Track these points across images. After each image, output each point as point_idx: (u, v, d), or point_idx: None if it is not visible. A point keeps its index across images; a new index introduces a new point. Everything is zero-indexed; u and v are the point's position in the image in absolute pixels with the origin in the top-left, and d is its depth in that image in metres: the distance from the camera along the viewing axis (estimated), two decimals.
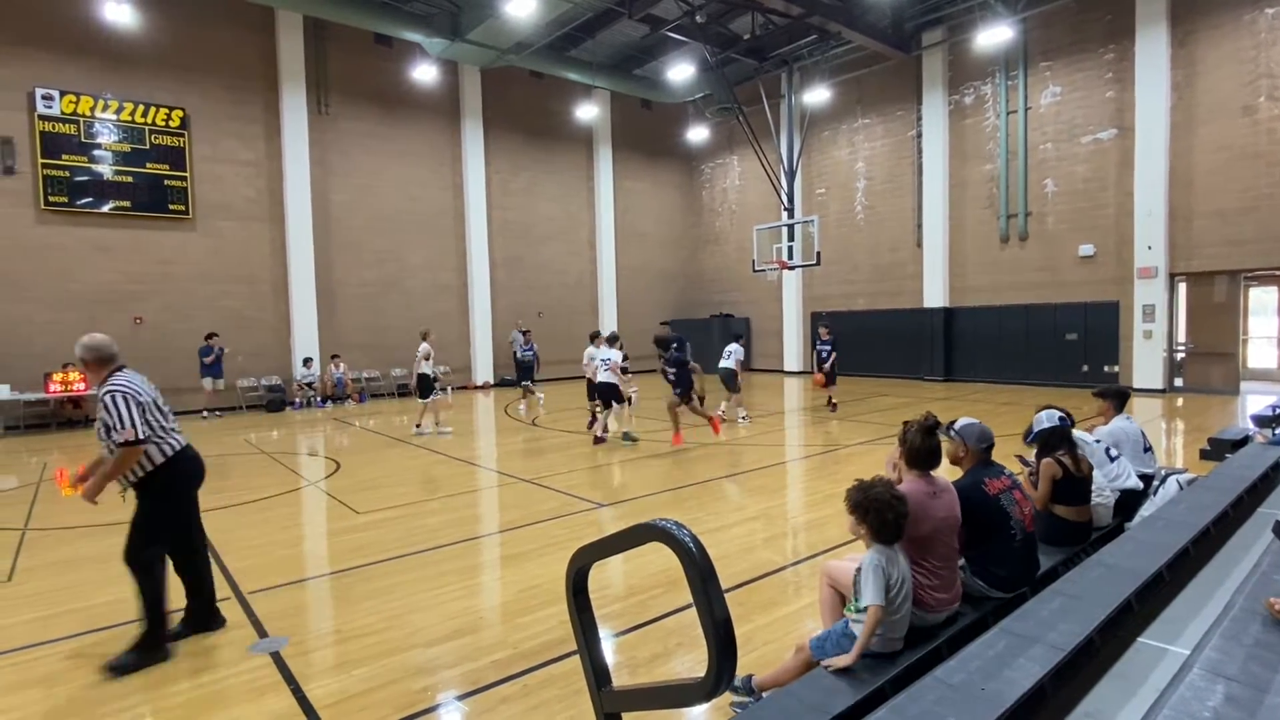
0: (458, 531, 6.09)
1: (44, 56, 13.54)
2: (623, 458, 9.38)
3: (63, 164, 13.69)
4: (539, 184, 20.96)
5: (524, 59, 17.78)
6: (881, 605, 2.55)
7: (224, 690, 3.37)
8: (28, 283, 13.47)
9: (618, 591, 4.51)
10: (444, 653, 3.71)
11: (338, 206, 17.16)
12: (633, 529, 1.67)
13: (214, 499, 7.26)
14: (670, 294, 24.44)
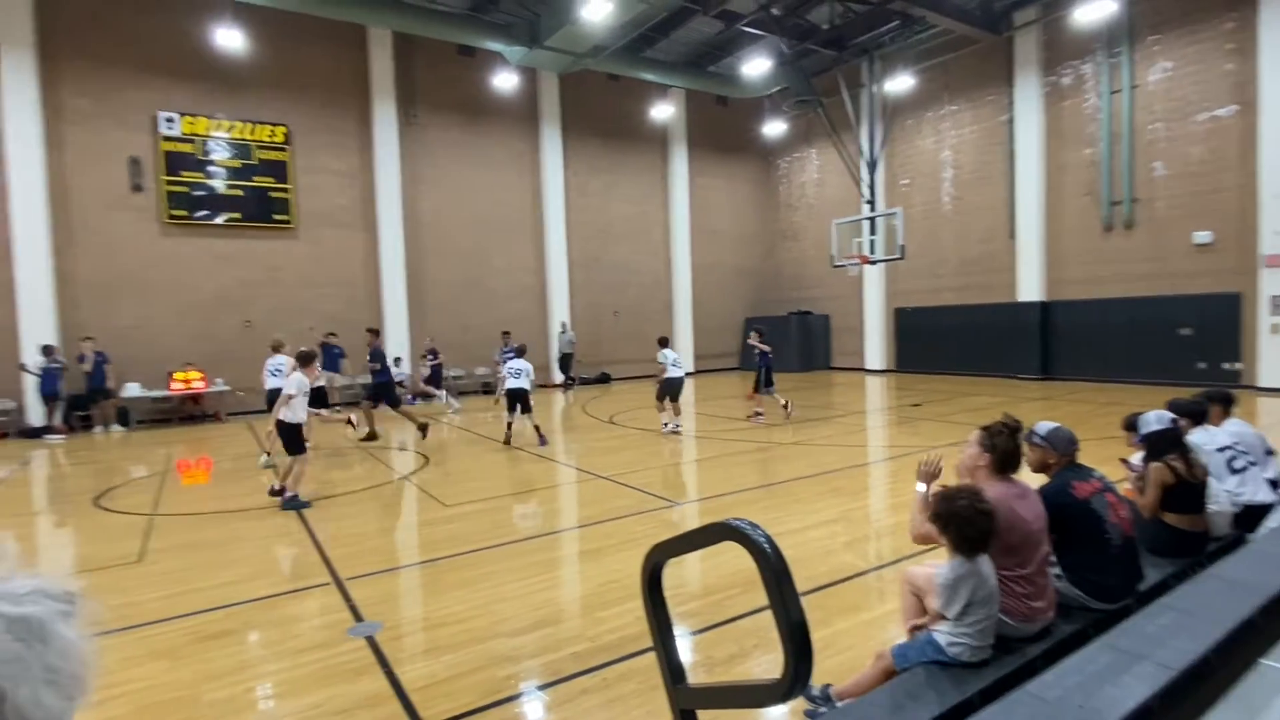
0: (539, 525, 6.27)
1: (165, 83, 14.80)
2: (700, 456, 9.38)
3: (183, 180, 14.94)
4: (615, 185, 21.19)
5: (600, 62, 18.01)
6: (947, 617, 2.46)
7: (324, 669, 3.61)
8: (154, 290, 14.77)
9: (695, 590, 4.52)
10: (527, 643, 3.83)
11: (425, 212, 17.93)
12: (707, 527, 1.69)
13: (319, 489, 7.76)
14: (746, 291, 24.18)
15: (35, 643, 0.60)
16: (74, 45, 13.90)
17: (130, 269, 14.51)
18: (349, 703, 3.26)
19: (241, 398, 15.03)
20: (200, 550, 5.80)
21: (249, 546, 5.88)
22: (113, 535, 6.33)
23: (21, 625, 0.60)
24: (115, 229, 14.39)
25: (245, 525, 6.54)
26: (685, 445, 10.24)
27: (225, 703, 3.33)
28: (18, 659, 0.58)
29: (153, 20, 14.52)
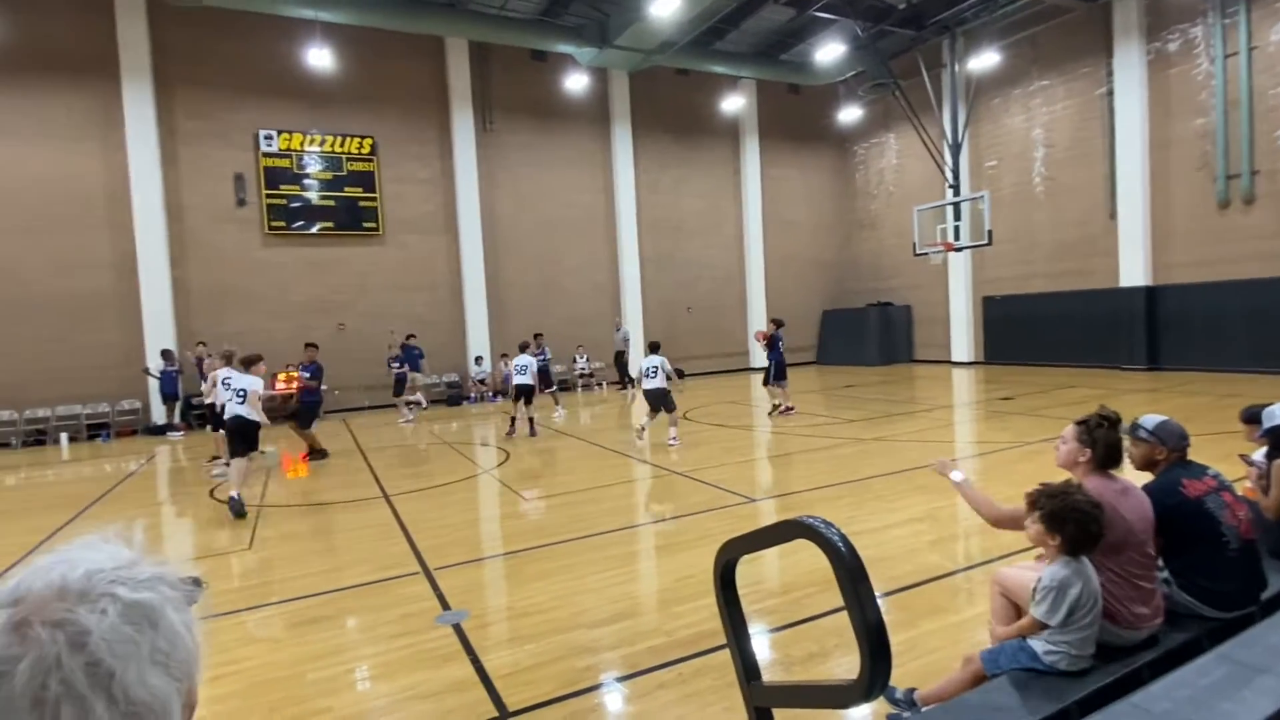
0: (615, 519, 6.35)
1: (264, 103, 15.84)
2: (776, 452, 9.25)
3: (281, 193, 15.96)
4: (686, 180, 21.13)
5: (669, 57, 17.98)
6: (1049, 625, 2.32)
7: (415, 655, 3.79)
8: (256, 296, 15.86)
9: (772, 588, 4.48)
10: (605, 635, 3.90)
11: (502, 215, 18.45)
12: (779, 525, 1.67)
13: (408, 483, 8.15)
14: (823, 283, 23.61)
15: (146, 627, 0.65)
16: (185, 73, 15.07)
17: (235, 277, 15.63)
18: (438, 687, 3.42)
19: (337, 396, 15.93)
20: (302, 539, 6.20)
21: (345, 536, 6.24)
22: (224, 524, 6.85)
23: (135, 610, 0.65)
24: (222, 241, 15.54)
25: (342, 516, 6.94)
26: (761, 441, 10.13)
27: (326, 682, 3.56)
28: (129, 641, 0.63)
29: (252, 46, 15.55)
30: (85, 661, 0.60)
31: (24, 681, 0.58)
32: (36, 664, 0.58)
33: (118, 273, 14.53)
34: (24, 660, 0.58)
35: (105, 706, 0.60)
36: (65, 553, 0.67)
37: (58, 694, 0.58)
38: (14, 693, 0.57)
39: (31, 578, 0.64)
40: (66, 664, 0.59)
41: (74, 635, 0.61)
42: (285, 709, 3.30)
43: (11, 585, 0.64)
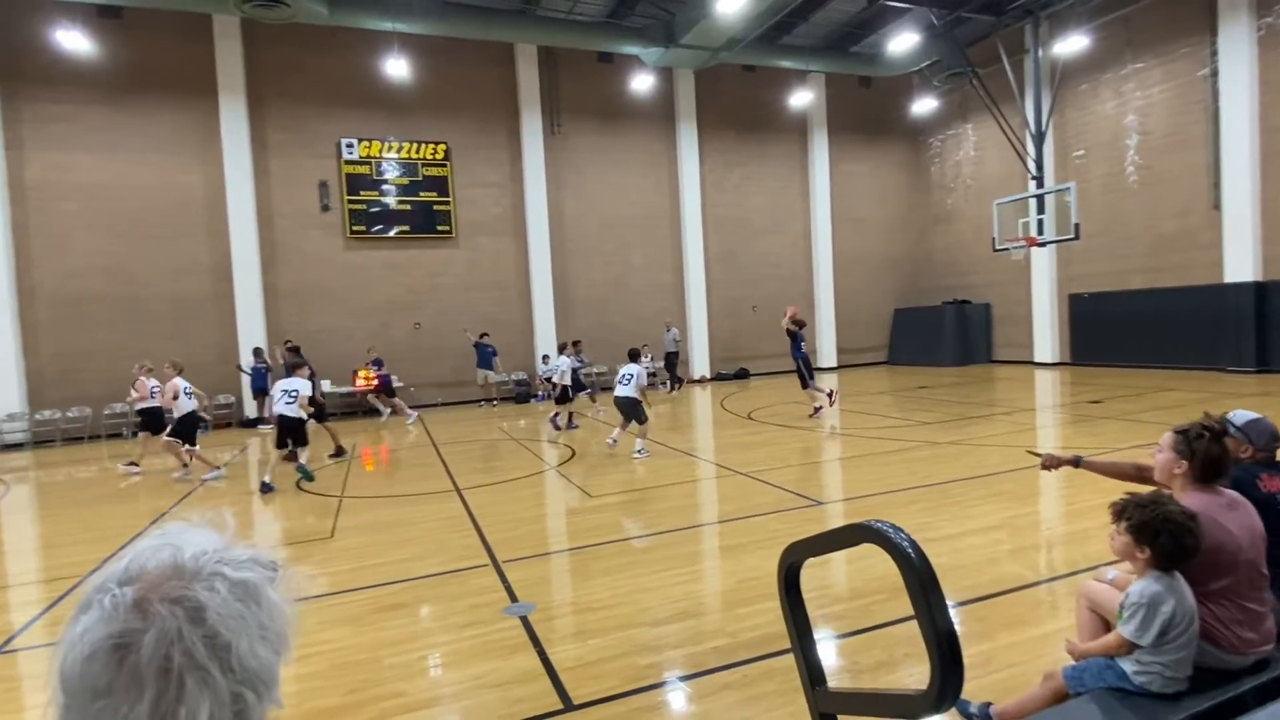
0: (679, 519, 6.36)
1: (346, 113, 16.62)
2: (845, 455, 9.05)
3: (361, 199, 16.72)
4: (752, 177, 20.90)
5: (735, 54, 17.82)
6: (1140, 645, 2.18)
7: (484, 644, 3.91)
8: (339, 298, 16.67)
9: (839, 593, 4.39)
10: (668, 633, 3.91)
11: (569, 216, 18.74)
12: (846, 528, 1.64)
13: (479, 478, 8.41)
14: (895, 281, 22.88)
15: (251, 603, 0.70)
16: (275, 88, 16.00)
17: (319, 280, 16.48)
18: (506, 677, 3.51)
19: (413, 393, 16.58)
20: (380, 530, 6.48)
21: (419, 528, 6.49)
22: (310, 513, 7.25)
23: (241, 588, 0.70)
24: (307, 245, 16.41)
25: (416, 509, 7.22)
26: (828, 443, 9.92)
27: (401, 667, 3.72)
28: (239, 616, 0.68)
29: (335, 59, 16.35)
30: (203, 634, 0.65)
31: (150, 653, 0.63)
32: (160, 637, 0.64)
33: (215, 276, 15.57)
34: (148, 634, 0.64)
35: (222, 676, 0.65)
36: (166, 536, 0.73)
37: (181, 664, 0.64)
38: (141, 663, 0.63)
39: (142, 558, 0.70)
40: (187, 637, 0.65)
41: (192, 610, 0.66)
42: (363, 691, 3.46)
43: (124, 565, 0.69)
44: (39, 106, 14.40)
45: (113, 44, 14.66)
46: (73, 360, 14.67)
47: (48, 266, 14.54)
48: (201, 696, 0.64)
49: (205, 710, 0.64)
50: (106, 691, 0.63)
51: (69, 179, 14.62)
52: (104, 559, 5.89)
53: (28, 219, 14.40)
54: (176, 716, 0.63)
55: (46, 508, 8.87)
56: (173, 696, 0.63)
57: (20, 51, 14.21)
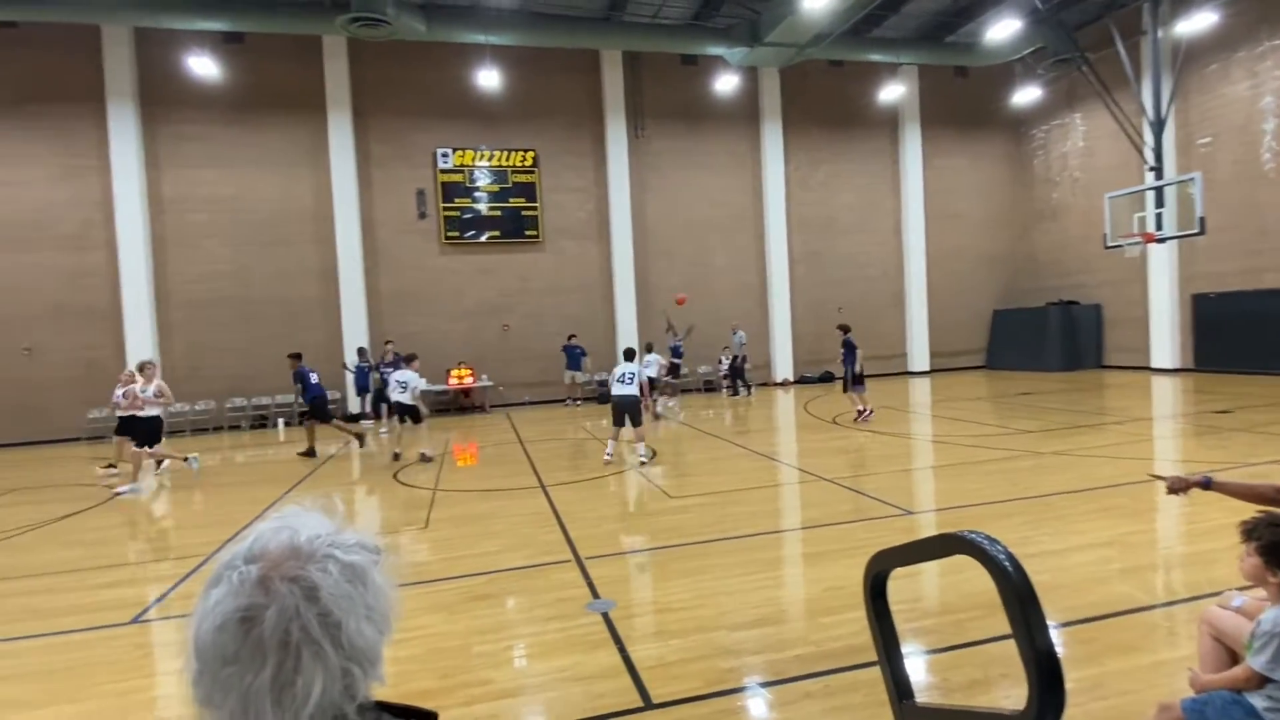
0: (761, 523, 6.29)
1: (441, 124, 17.42)
2: (938, 463, 8.68)
3: (455, 206, 17.48)
4: (839, 175, 20.36)
5: (823, 50, 17.42)
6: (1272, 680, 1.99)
7: (567, 638, 4.01)
8: (433, 301, 17.47)
9: (930, 607, 4.23)
10: (749, 638, 3.89)
11: (652, 219, 18.88)
12: (936, 538, 1.59)
13: (564, 474, 8.62)
14: (994, 281, 21.70)
15: (359, 585, 0.76)
16: (376, 102, 16.97)
17: (416, 283, 17.34)
18: (588, 672, 3.59)
19: (502, 392, 17.18)
20: (471, 522, 6.76)
21: (507, 522, 6.72)
22: (406, 505, 7.64)
23: (350, 570, 0.76)
24: (406, 250, 17.30)
25: (504, 503, 7.48)
26: (920, 450, 9.54)
27: (489, 656, 3.87)
28: (348, 596, 0.75)
29: (431, 72, 17.16)
30: (318, 612, 0.72)
31: (271, 626, 0.70)
32: (281, 613, 0.71)
33: (322, 280, 16.67)
34: (270, 609, 0.71)
35: (334, 651, 0.72)
36: (284, 519, 0.80)
37: (299, 639, 0.71)
38: (264, 635, 0.70)
39: (265, 539, 0.77)
40: (304, 613, 0.71)
41: (308, 590, 0.73)
42: (455, 676, 3.63)
43: (248, 545, 0.77)
44: (174, 128, 15.88)
45: (236, 67, 15.97)
46: (200, 357, 16.09)
47: (180, 272, 16.01)
48: (316, 669, 0.70)
49: (319, 682, 0.70)
50: (234, 659, 0.70)
51: (199, 192, 16.04)
52: (225, 540, 6.44)
53: (165, 230, 15.90)
54: (294, 686, 0.70)
55: (176, 492, 9.76)
56: (291, 667, 0.70)
57: (158, 79, 15.71)
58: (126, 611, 4.81)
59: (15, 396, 15.05)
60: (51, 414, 15.23)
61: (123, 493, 9.02)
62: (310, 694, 0.70)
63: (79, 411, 15.14)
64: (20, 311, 15.15)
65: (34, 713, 3.48)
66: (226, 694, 0.70)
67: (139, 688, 3.78)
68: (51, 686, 3.75)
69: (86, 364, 15.40)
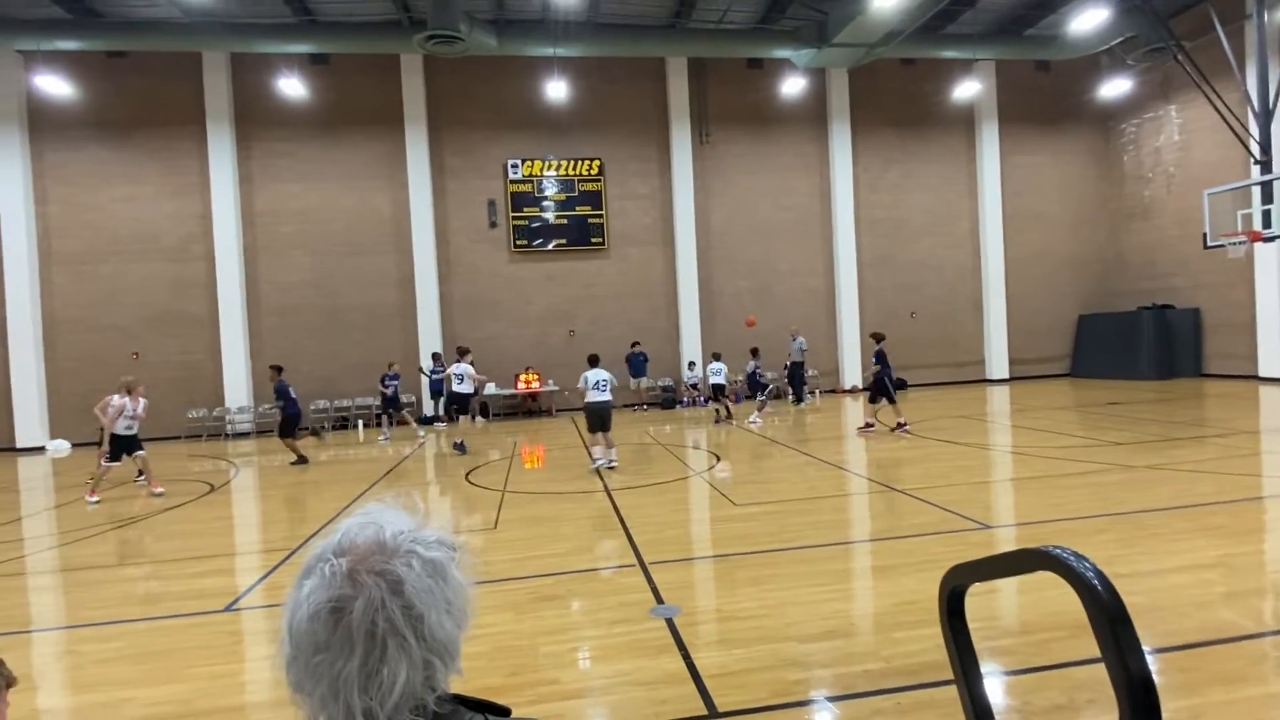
0: (829, 534, 6.15)
1: (511, 135, 17.89)
2: (1019, 475, 8.28)
3: (524, 215, 17.91)
4: (911, 176, 19.76)
5: (894, 48, 16.95)
6: None
7: (631, 642, 4.02)
8: (503, 307, 17.93)
9: (1010, 626, 4.04)
10: (817, 650, 3.81)
11: (716, 224, 18.81)
12: (1018, 553, 1.51)
13: (627, 480, 8.67)
14: (1079, 283, 20.55)
15: (439, 580, 0.79)
16: (450, 116, 17.59)
17: (487, 291, 17.85)
18: (652, 677, 3.60)
19: (568, 397, 17.43)
20: (538, 524, 6.88)
21: (573, 525, 6.81)
22: (477, 505, 7.85)
23: (430, 565, 0.79)
24: (477, 259, 17.83)
25: (570, 506, 7.59)
26: (999, 461, 9.13)
27: (555, 656, 3.93)
28: (429, 591, 0.78)
29: (502, 85, 17.66)
30: (402, 605, 0.75)
31: (359, 617, 0.74)
32: (368, 604, 0.74)
33: (400, 288, 17.38)
34: (358, 600, 0.74)
35: (416, 643, 0.75)
36: (369, 515, 0.83)
37: (384, 629, 0.74)
38: (353, 625, 0.74)
39: (352, 533, 0.80)
40: (389, 605, 0.75)
41: (393, 583, 0.76)
42: (522, 675, 3.70)
43: (337, 539, 0.80)
44: (265, 145, 16.91)
45: (321, 87, 16.87)
46: (286, 361, 16.87)
47: (270, 281, 17.01)
48: (400, 660, 0.74)
49: (403, 673, 0.74)
50: (325, 647, 0.74)
51: (287, 206, 17.02)
52: (310, 535, 6.78)
53: (256, 241, 16.94)
54: (380, 674, 0.73)
55: (265, 488, 10.34)
56: (377, 656, 0.73)
57: (251, 100, 16.78)
58: (220, 600, 5.13)
59: None
60: (156, 414, 16.34)
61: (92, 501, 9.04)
62: (395, 683, 0.73)
63: (179, 412, 16.27)
64: (130, 318, 16.42)
65: (138, 691, 3.75)
66: (318, 681, 0.74)
67: (230, 672, 4.03)
68: (152, 667, 4.03)
69: (186, 367, 16.56)
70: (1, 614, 5.26)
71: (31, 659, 4.44)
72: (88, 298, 16.30)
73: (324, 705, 0.74)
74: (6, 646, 4.52)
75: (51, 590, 5.93)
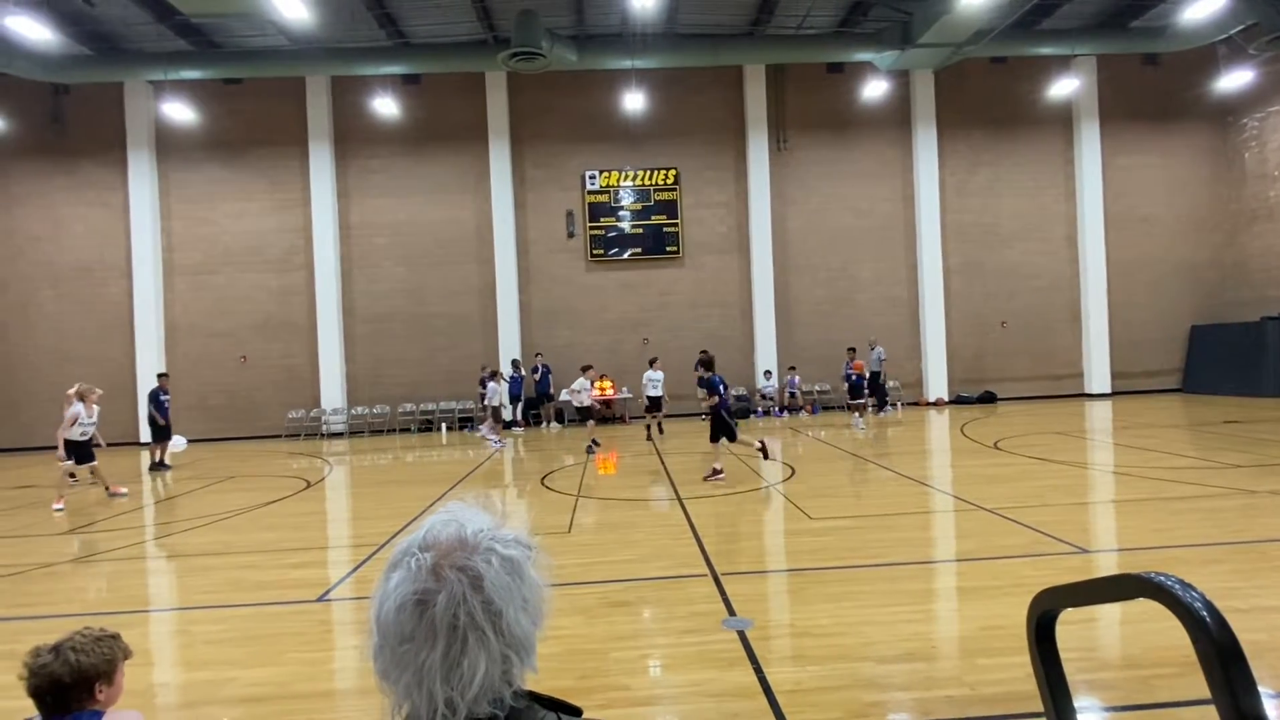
0: (910, 552, 5.92)
1: (589, 147, 18.25)
2: (1123, 496, 7.72)
3: (601, 225, 18.21)
4: (1002, 179, 18.83)
5: (983, 47, 16.25)
6: None
7: (701, 653, 3.99)
8: (580, 315, 18.27)
9: (1109, 658, 3.77)
10: (895, 672, 3.67)
11: (793, 232, 18.53)
12: (1115, 578, 1.41)
13: (699, 488, 8.63)
14: (1192, 292, 18.98)
15: (516, 578, 0.82)
16: (531, 129, 18.13)
17: (564, 299, 18.23)
18: (722, 689, 3.56)
19: (641, 404, 17.50)
20: (609, 530, 6.95)
21: (644, 531, 6.84)
22: (551, 509, 8.01)
23: (509, 563, 0.82)
24: (555, 268, 18.25)
25: (642, 513, 7.63)
26: (1100, 482, 8.55)
27: (626, 662, 3.95)
28: (507, 588, 0.80)
29: (581, 99, 18.06)
30: (482, 600, 0.79)
31: (442, 610, 0.77)
32: (450, 598, 0.78)
33: (482, 297, 18.01)
34: (441, 593, 0.78)
35: (495, 638, 0.78)
36: (451, 513, 0.87)
37: (465, 623, 0.77)
38: (435, 618, 0.77)
39: (435, 530, 0.84)
40: (470, 600, 0.78)
41: (473, 578, 0.79)
42: (593, 679, 3.74)
43: (422, 535, 0.84)
44: (361, 161, 17.94)
45: (412, 105, 17.75)
46: (378, 367, 17.93)
47: (363, 290, 17.99)
48: (480, 653, 0.77)
49: (483, 665, 0.77)
50: (410, 637, 0.77)
51: (380, 219, 17.98)
52: (395, 531, 7.10)
53: (351, 252, 17.96)
54: (461, 667, 0.76)
55: (357, 486, 10.91)
56: (458, 649, 0.76)
57: (348, 120, 17.84)
58: (313, 590, 5.44)
59: (232, 398, 17.60)
60: (259, 414, 17.62)
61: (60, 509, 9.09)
62: (475, 675, 0.76)
63: (280, 413, 17.41)
64: (239, 324, 17.73)
65: (240, 671, 4.03)
66: (403, 669, 0.77)
67: (322, 659, 4.26)
68: (253, 650, 4.32)
69: (286, 370, 17.71)
70: (126, 593, 5.77)
71: (150, 636, 4.85)
72: (202, 305, 17.71)
73: (409, 693, 0.77)
74: (130, 623, 4.95)
75: (168, 574, 6.46)
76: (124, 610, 5.28)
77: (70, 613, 5.21)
